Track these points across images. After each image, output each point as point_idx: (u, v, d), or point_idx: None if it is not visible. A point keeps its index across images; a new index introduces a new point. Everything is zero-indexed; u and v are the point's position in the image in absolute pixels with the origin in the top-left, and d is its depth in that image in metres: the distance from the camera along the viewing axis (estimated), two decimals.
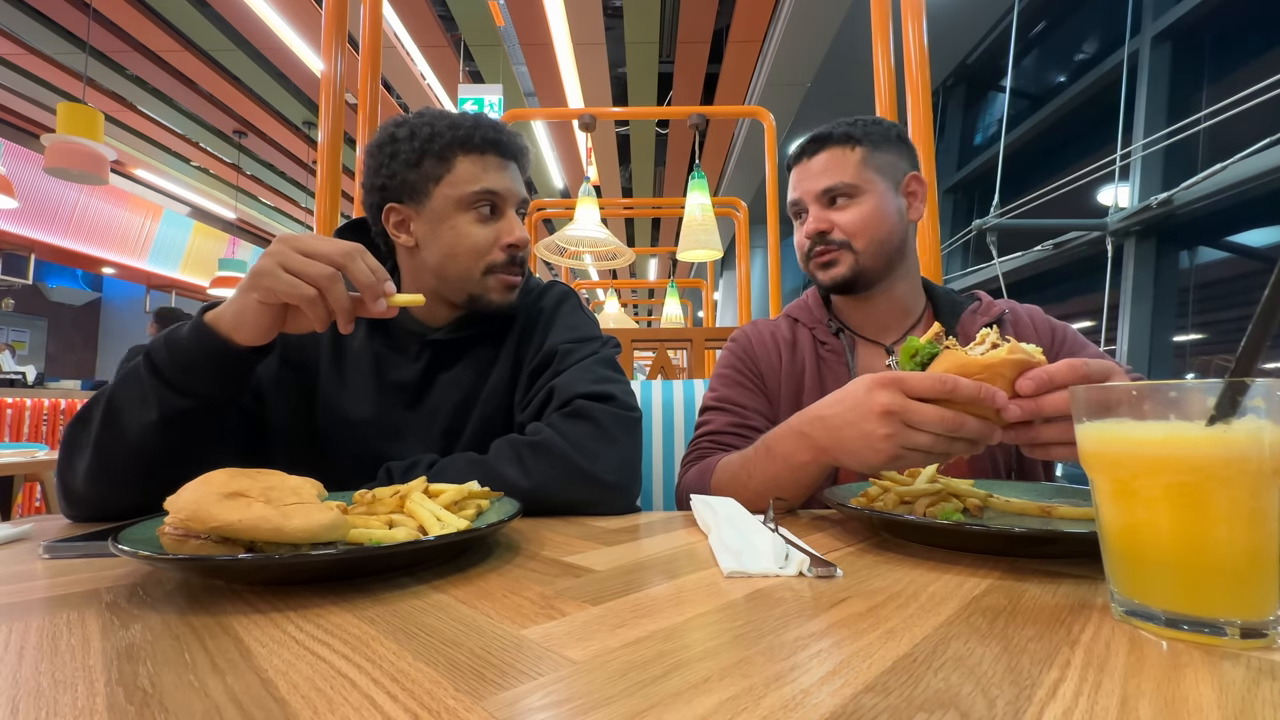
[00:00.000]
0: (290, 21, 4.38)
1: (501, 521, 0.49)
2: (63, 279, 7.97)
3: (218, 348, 0.60)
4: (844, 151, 0.88)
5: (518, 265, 0.81)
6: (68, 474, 0.63)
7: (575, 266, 4.14)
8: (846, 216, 0.87)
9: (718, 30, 4.74)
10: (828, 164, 0.88)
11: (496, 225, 0.80)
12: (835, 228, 0.88)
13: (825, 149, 0.89)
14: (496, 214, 0.80)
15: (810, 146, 0.91)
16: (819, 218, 0.89)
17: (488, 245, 0.79)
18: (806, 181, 0.90)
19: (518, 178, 0.83)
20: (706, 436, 0.89)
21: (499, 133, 0.80)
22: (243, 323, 0.60)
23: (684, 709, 0.24)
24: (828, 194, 0.88)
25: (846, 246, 0.87)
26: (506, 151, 0.80)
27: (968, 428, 0.50)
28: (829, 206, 0.89)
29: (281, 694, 0.26)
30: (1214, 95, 2.75)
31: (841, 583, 0.41)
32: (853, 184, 0.87)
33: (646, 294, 10.14)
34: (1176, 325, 3.06)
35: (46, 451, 2.65)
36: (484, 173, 0.78)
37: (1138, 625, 0.32)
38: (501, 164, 0.80)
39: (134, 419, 0.61)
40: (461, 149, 0.78)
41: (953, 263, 4.67)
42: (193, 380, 0.61)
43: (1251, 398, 0.29)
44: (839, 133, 0.89)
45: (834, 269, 0.88)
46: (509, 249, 0.79)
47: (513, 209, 0.81)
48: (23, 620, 0.35)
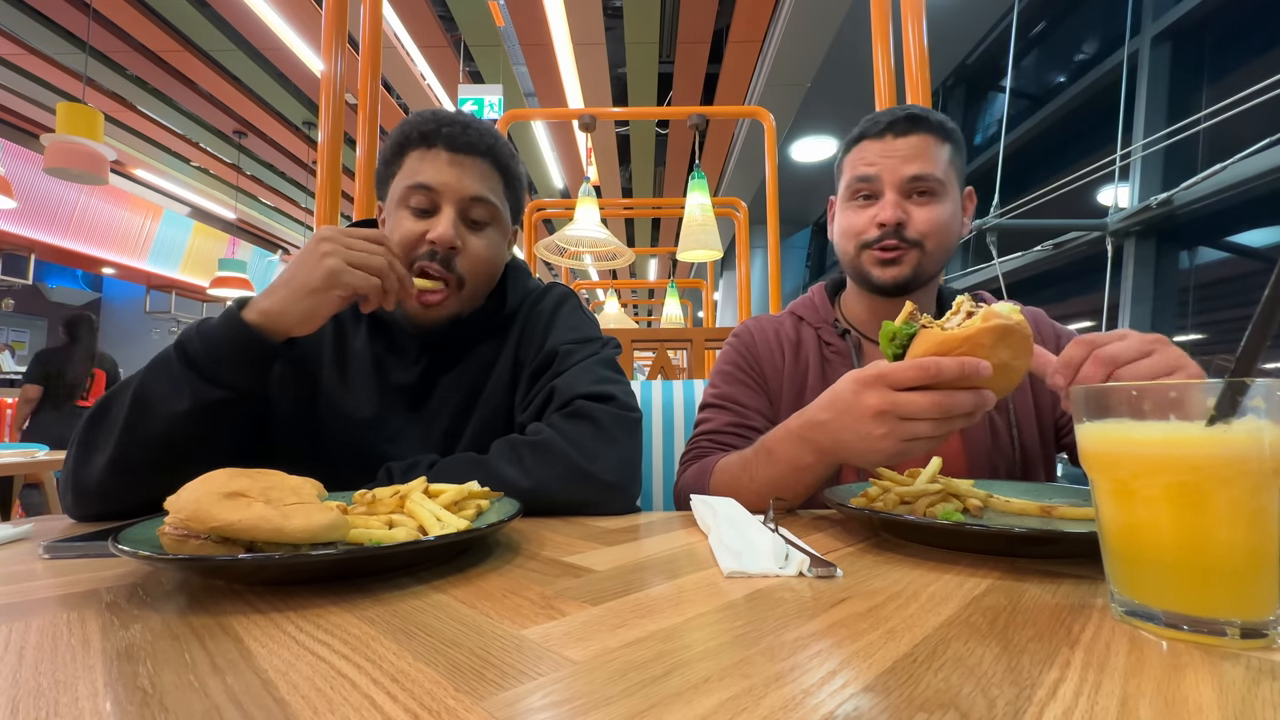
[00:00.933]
0: (290, 21, 4.38)
1: (501, 521, 0.49)
2: (63, 279, 7.98)
3: (253, 339, 0.63)
4: (937, 143, 0.81)
5: (438, 266, 0.74)
6: (81, 470, 0.63)
7: (575, 267, 4.14)
8: (925, 214, 0.80)
9: (718, 30, 4.74)
10: (920, 149, 0.80)
11: (429, 221, 0.75)
12: (912, 223, 0.81)
13: (919, 132, 0.81)
14: (432, 212, 0.76)
15: (903, 123, 0.81)
16: (899, 205, 0.80)
17: (413, 240, 0.74)
18: (893, 160, 0.81)
19: (475, 174, 0.76)
20: (705, 435, 0.88)
21: (448, 125, 0.75)
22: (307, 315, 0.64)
23: (684, 709, 0.24)
24: (914, 183, 0.80)
25: (918, 246, 0.81)
26: (455, 144, 0.75)
27: (961, 404, 0.50)
28: (908, 197, 0.81)
29: (281, 694, 0.26)
30: (1214, 95, 2.75)
31: (841, 583, 0.41)
32: (940, 180, 0.80)
33: (646, 294, 10.13)
34: (1176, 325, 3.06)
35: (46, 451, 2.65)
36: (423, 166, 0.75)
37: (1138, 625, 0.32)
38: (452, 159, 0.75)
39: (164, 409, 0.62)
40: (410, 144, 0.77)
41: (953, 263, 4.67)
42: (226, 371, 0.63)
43: (1251, 398, 0.29)
44: (934, 120, 0.81)
45: (897, 268, 0.82)
46: (429, 244, 0.74)
47: (453, 207, 0.75)
48: (23, 620, 0.35)
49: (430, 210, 0.76)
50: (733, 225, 3.63)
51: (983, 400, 0.51)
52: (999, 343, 0.49)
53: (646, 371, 3.34)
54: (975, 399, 0.50)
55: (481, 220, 0.78)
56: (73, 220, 6.26)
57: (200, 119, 5.83)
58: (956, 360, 0.49)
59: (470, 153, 0.76)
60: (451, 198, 0.75)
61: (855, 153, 0.86)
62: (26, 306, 7.51)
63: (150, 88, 5.31)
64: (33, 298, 7.55)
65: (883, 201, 0.82)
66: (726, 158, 6.84)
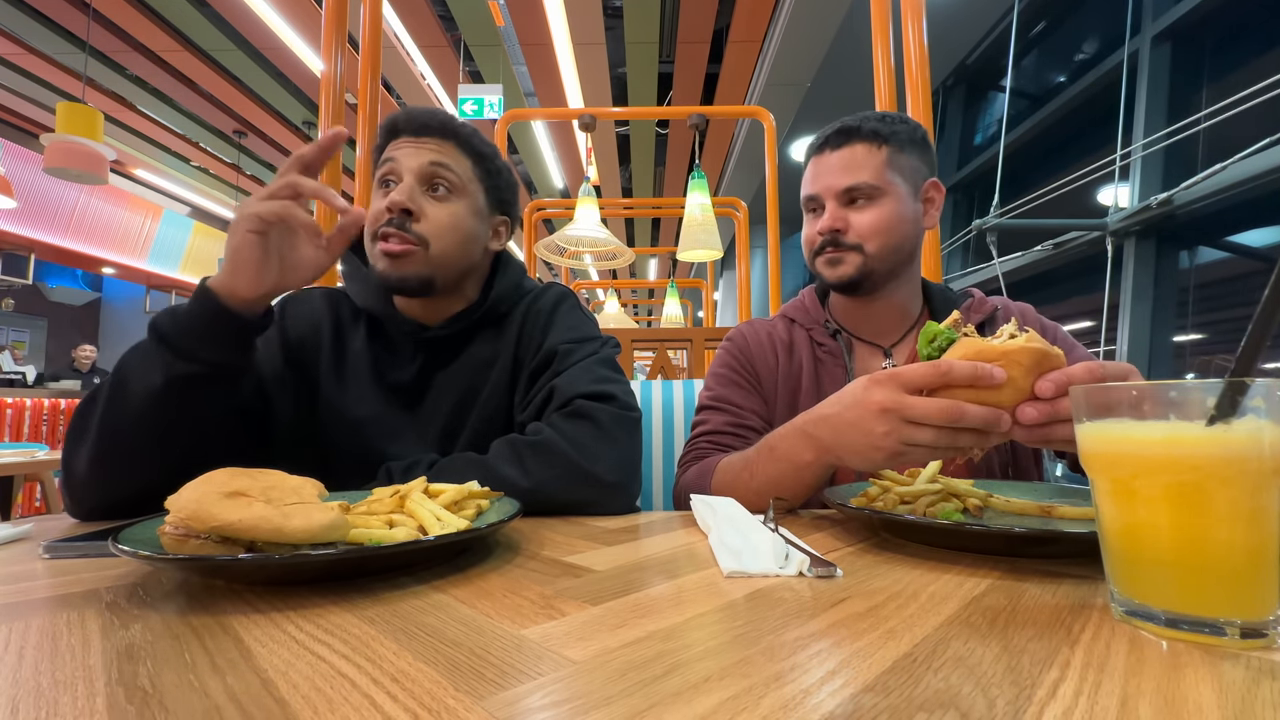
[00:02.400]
0: (290, 21, 4.38)
1: (501, 521, 0.49)
2: (63, 279, 7.97)
3: (219, 309, 0.62)
4: (869, 149, 0.85)
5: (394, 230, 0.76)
6: (72, 463, 0.63)
7: (575, 266, 4.14)
8: (864, 219, 0.84)
9: (718, 30, 4.74)
10: (851, 161, 0.85)
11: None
12: (850, 229, 0.85)
13: (851, 143, 0.85)
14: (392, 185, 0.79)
15: (835, 138, 0.86)
16: (835, 216, 0.85)
17: (378, 213, 0.78)
18: (827, 177, 0.86)
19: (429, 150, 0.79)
20: (704, 437, 0.88)
21: (406, 113, 0.80)
22: (239, 263, 0.62)
23: (684, 709, 0.24)
24: (848, 193, 0.85)
25: (858, 249, 0.85)
26: (411, 127, 0.80)
27: (969, 416, 0.48)
28: (847, 205, 0.86)
29: (281, 694, 0.25)
30: (1214, 95, 2.75)
31: (841, 583, 0.41)
32: (875, 185, 0.84)
33: (646, 294, 10.14)
34: (1176, 325, 3.06)
35: (46, 451, 2.65)
36: (390, 151, 0.80)
37: (1138, 625, 0.32)
38: (412, 141, 0.80)
39: (139, 386, 0.62)
40: (387, 135, 0.82)
41: (953, 263, 4.67)
42: (196, 344, 0.62)
43: (1251, 398, 0.29)
44: (867, 128, 0.85)
45: (840, 268, 0.86)
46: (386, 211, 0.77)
47: (411, 178, 0.78)
48: (23, 620, 0.35)
49: (391, 184, 0.79)
50: (733, 225, 3.63)
51: (994, 419, 0.48)
52: (1035, 366, 0.48)
53: (646, 371, 3.35)
54: (987, 414, 0.48)
55: (444, 189, 0.80)
56: (73, 220, 6.26)
57: (200, 119, 5.84)
58: (969, 363, 0.48)
59: (426, 133, 0.80)
60: (410, 165, 0.79)
61: (806, 171, 0.91)
62: (26, 306, 7.51)
63: (150, 88, 5.32)
64: (33, 298, 7.54)
65: (823, 212, 0.87)
66: (726, 158, 6.84)
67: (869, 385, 0.55)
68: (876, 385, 0.54)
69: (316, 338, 0.83)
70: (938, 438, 0.50)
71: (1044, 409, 0.47)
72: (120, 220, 6.73)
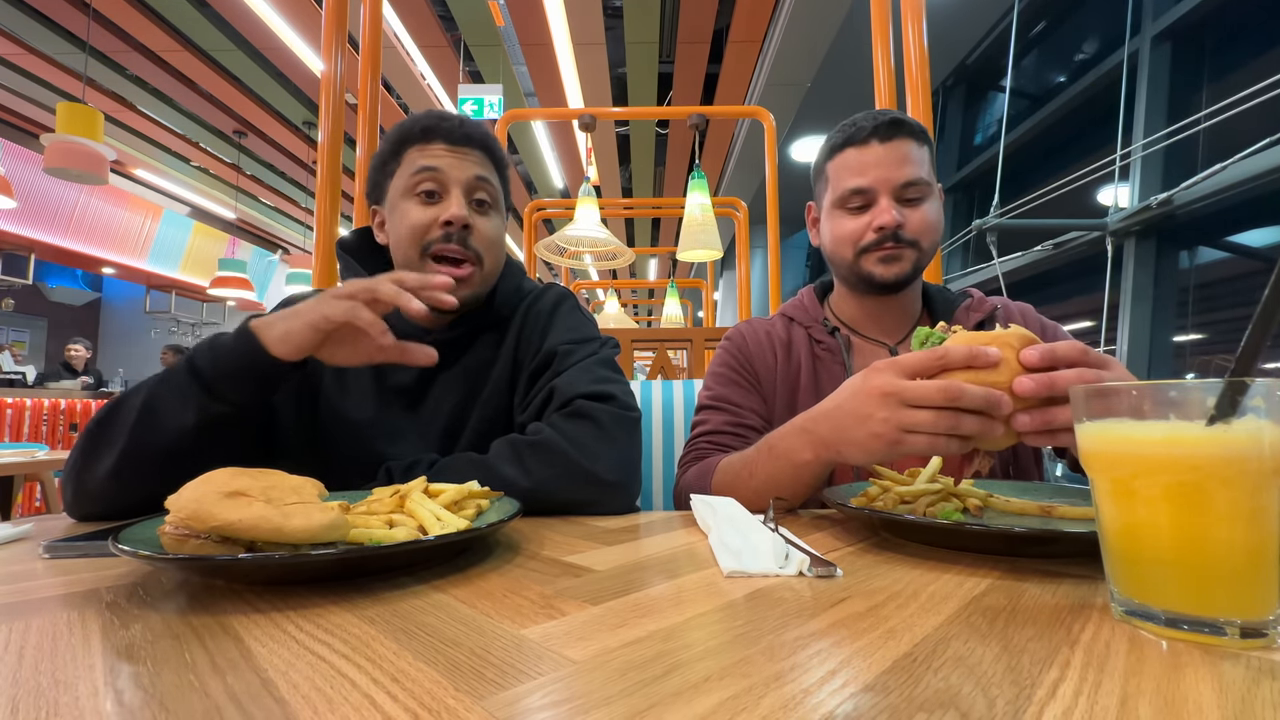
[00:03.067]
0: (290, 21, 4.38)
1: (501, 521, 0.49)
2: (63, 279, 7.98)
3: (261, 359, 0.62)
4: (917, 146, 0.84)
5: (456, 245, 0.77)
6: (84, 472, 0.63)
7: (575, 266, 4.14)
8: (919, 216, 0.83)
9: (718, 30, 4.74)
10: (906, 154, 0.83)
11: (438, 206, 0.78)
12: (907, 224, 0.83)
13: (901, 136, 0.83)
14: (439, 196, 0.78)
15: (886, 129, 0.83)
16: (894, 210, 0.82)
17: (426, 224, 0.77)
18: (883, 169, 0.83)
19: (474, 161, 0.80)
20: (703, 437, 0.88)
21: (444, 120, 0.79)
22: (287, 341, 0.62)
23: (684, 709, 0.24)
24: (908, 188, 0.83)
25: (914, 246, 0.84)
26: (452, 137, 0.79)
27: (968, 395, 0.48)
28: (902, 201, 0.84)
29: (281, 694, 0.25)
30: (1214, 95, 2.75)
31: (841, 583, 0.41)
32: (927, 181, 0.84)
33: (646, 294, 10.13)
34: (1176, 325, 3.06)
35: (46, 451, 2.65)
36: (423, 158, 0.79)
37: (1138, 625, 0.32)
38: (449, 149, 0.79)
39: (171, 421, 0.62)
40: (409, 141, 0.80)
41: (953, 263, 4.67)
42: (232, 387, 0.63)
43: (1251, 398, 0.29)
44: (915, 124, 0.84)
45: (898, 264, 0.84)
46: (445, 226, 0.77)
47: (459, 190, 0.78)
48: (23, 620, 0.35)
49: (436, 194, 0.78)
50: (733, 225, 3.63)
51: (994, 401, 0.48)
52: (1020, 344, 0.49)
53: (646, 371, 3.35)
54: (984, 392, 0.48)
55: (485, 202, 0.81)
56: (73, 220, 6.26)
57: (200, 119, 5.84)
58: (966, 347, 0.49)
59: (468, 144, 0.80)
60: (457, 180, 0.78)
61: (839, 160, 0.87)
62: (26, 306, 7.51)
63: (150, 88, 5.31)
64: (33, 298, 7.55)
65: (879, 207, 0.83)
66: (726, 158, 6.84)
67: (868, 374, 0.55)
68: (875, 372, 0.54)
69: None
70: (937, 421, 0.50)
71: (1041, 380, 0.47)
72: (120, 220, 6.73)
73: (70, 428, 4.29)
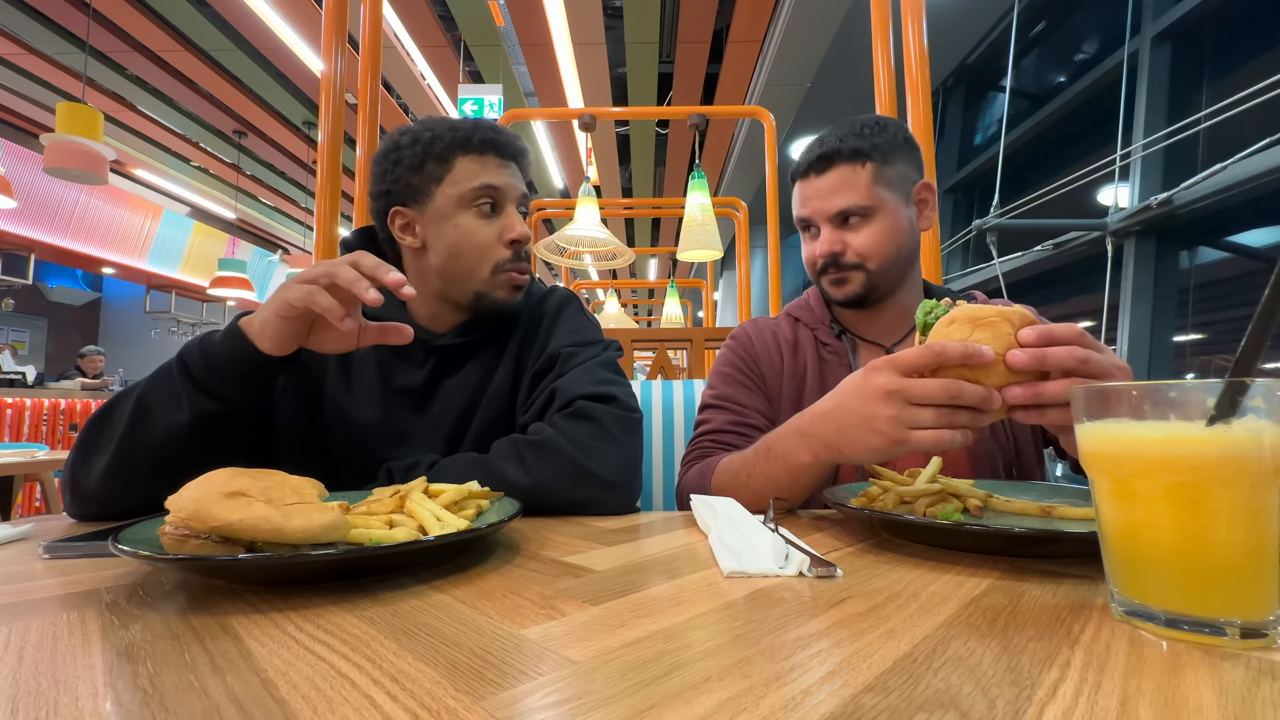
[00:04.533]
0: (290, 21, 4.38)
1: (501, 521, 0.49)
2: (63, 279, 7.97)
3: (248, 354, 0.62)
4: (854, 169, 0.85)
5: (523, 261, 0.82)
6: (80, 471, 0.63)
7: (575, 266, 4.14)
8: (860, 238, 0.85)
9: (718, 30, 4.74)
10: (838, 184, 0.85)
11: (499, 222, 0.81)
12: (848, 249, 0.85)
13: (833, 166, 0.86)
14: (497, 211, 0.81)
15: (817, 164, 0.87)
16: (832, 239, 0.86)
17: (492, 241, 0.80)
18: (816, 201, 0.87)
19: (518, 177, 0.84)
20: (706, 436, 0.88)
21: (498, 134, 0.81)
22: (264, 334, 0.62)
23: (684, 709, 0.24)
24: (840, 216, 0.85)
25: (860, 268, 0.86)
26: (505, 152, 0.82)
27: (967, 393, 0.50)
28: (841, 226, 0.86)
29: (281, 694, 0.26)
30: (1214, 95, 2.75)
31: (841, 583, 0.41)
32: (865, 205, 0.84)
33: (646, 294, 10.13)
34: (1176, 325, 3.06)
35: (46, 451, 2.65)
36: (483, 170, 0.80)
37: (1138, 625, 0.32)
38: (501, 163, 0.81)
39: (164, 419, 0.62)
40: (461, 150, 0.79)
41: (953, 263, 4.67)
42: (223, 384, 0.63)
43: (1251, 398, 0.29)
44: (848, 148, 0.85)
45: (846, 287, 0.87)
46: (513, 244, 0.80)
47: (513, 206, 0.82)
48: (23, 620, 0.35)
49: (494, 210, 0.81)
50: (733, 225, 3.63)
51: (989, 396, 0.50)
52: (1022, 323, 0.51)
53: (646, 371, 3.35)
54: (982, 392, 0.50)
55: (524, 214, 0.85)
56: (73, 220, 6.26)
57: (200, 119, 5.84)
58: (961, 342, 0.50)
59: (514, 159, 0.84)
60: (512, 198, 0.82)
61: (794, 193, 0.92)
62: (26, 306, 7.51)
63: (150, 88, 5.31)
64: (33, 298, 7.55)
65: (820, 237, 0.88)
66: (726, 158, 6.84)
67: (868, 373, 0.56)
68: (876, 372, 0.55)
69: None
70: (939, 418, 0.52)
71: (1033, 353, 0.49)
72: (120, 220, 6.73)
73: (70, 428, 4.29)
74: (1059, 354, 0.49)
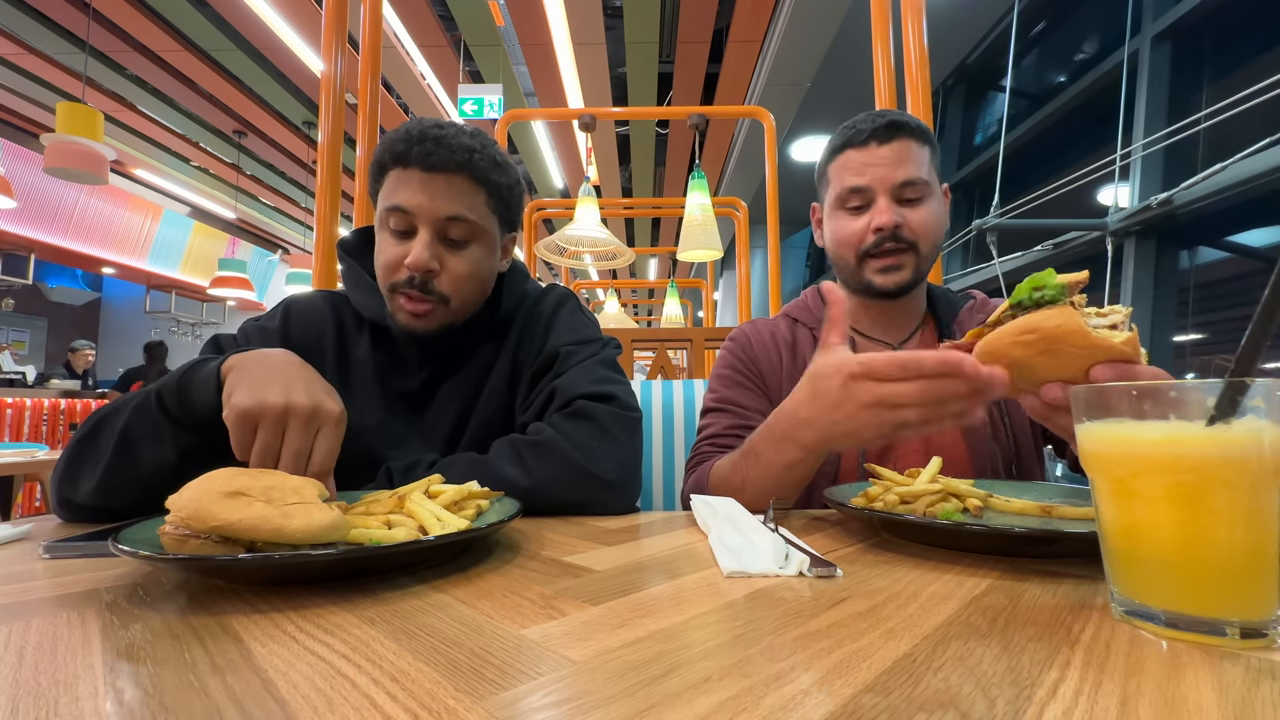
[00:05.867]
0: (290, 21, 4.38)
1: (501, 521, 0.49)
2: (63, 279, 7.97)
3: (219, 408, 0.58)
4: (918, 145, 0.83)
5: (419, 290, 0.74)
6: (67, 487, 0.63)
7: (575, 266, 4.14)
8: (919, 216, 0.82)
9: (718, 30, 4.74)
10: (905, 155, 0.82)
11: (407, 245, 0.74)
12: (906, 225, 0.82)
13: (901, 137, 0.83)
14: (410, 235, 0.74)
15: (884, 131, 0.83)
16: (892, 210, 0.82)
17: (394, 263, 0.75)
18: (881, 168, 0.83)
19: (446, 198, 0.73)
20: (707, 440, 0.89)
21: (423, 144, 0.72)
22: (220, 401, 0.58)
23: (684, 709, 0.24)
24: (906, 188, 0.82)
25: (914, 248, 0.83)
26: (429, 162, 0.72)
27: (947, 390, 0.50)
28: (901, 201, 0.83)
29: (281, 694, 0.25)
30: (1214, 95, 2.75)
31: (841, 583, 0.41)
32: (927, 181, 0.83)
33: (646, 294, 10.13)
34: (1176, 325, 3.06)
35: (46, 451, 2.65)
36: (398, 188, 0.73)
37: (1138, 625, 0.32)
38: (426, 179, 0.73)
39: (149, 455, 0.61)
40: (391, 162, 0.74)
41: (953, 263, 4.67)
42: (204, 426, 0.60)
43: (1251, 398, 0.29)
44: (915, 124, 0.83)
45: (899, 273, 0.84)
46: (404, 268, 0.74)
47: (429, 228, 0.73)
48: (23, 620, 0.35)
49: (409, 232, 0.74)
50: (733, 225, 3.63)
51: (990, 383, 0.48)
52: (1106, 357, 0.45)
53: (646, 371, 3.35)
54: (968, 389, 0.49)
55: (461, 239, 0.76)
56: (73, 220, 6.26)
57: (200, 119, 5.83)
58: (936, 356, 0.50)
59: (444, 170, 0.73)
60: (426, 219, 0.74)
61: (839, 161, 0.87)
62: (26, 306, 7.51)
63: (150, 88, 5.31)
64: (33, 298, 7.55)
65: (876, 207, 0.83)
66: (726, 158, 6.84)
67: (846, 383, 0.55)
68: (854, 382, 0.54)
69: (320, 344, 0.83)
70: (924, 415, 0.52)
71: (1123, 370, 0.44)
72: (120, 220, 6.73)
73: (70, 428, 4.29)
74: (1146, 375, 0.44)
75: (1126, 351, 0.45)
